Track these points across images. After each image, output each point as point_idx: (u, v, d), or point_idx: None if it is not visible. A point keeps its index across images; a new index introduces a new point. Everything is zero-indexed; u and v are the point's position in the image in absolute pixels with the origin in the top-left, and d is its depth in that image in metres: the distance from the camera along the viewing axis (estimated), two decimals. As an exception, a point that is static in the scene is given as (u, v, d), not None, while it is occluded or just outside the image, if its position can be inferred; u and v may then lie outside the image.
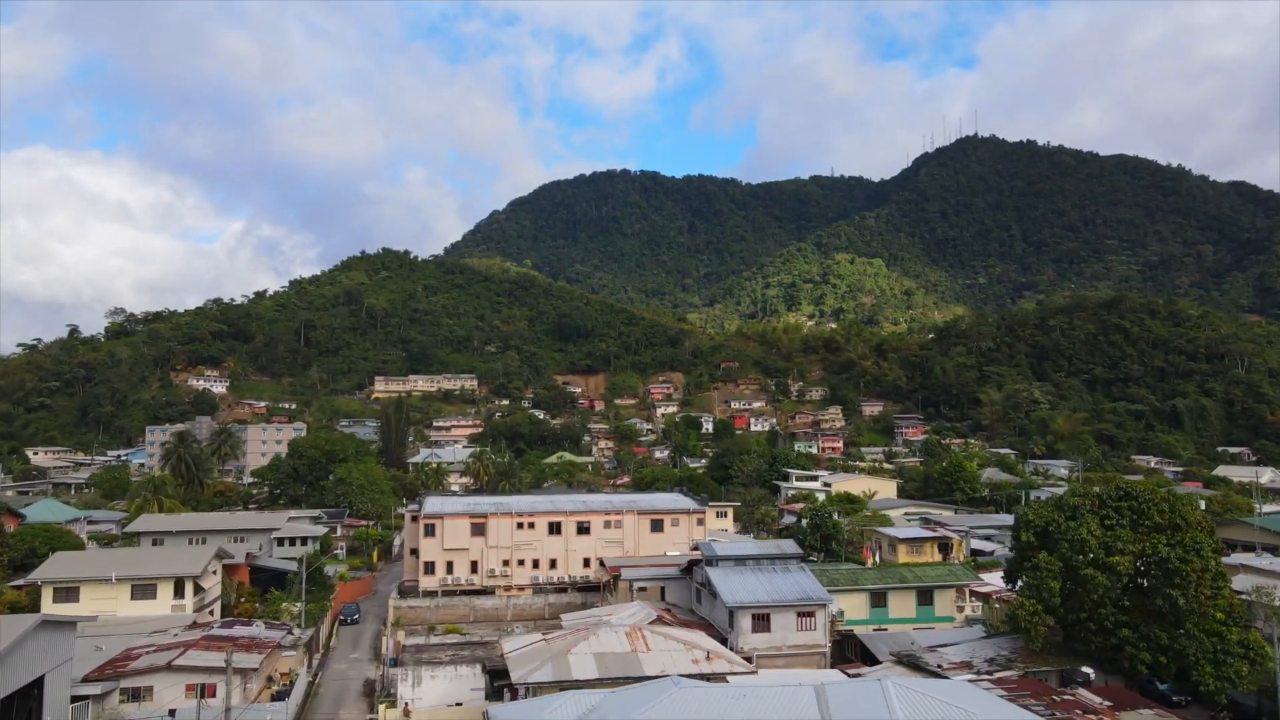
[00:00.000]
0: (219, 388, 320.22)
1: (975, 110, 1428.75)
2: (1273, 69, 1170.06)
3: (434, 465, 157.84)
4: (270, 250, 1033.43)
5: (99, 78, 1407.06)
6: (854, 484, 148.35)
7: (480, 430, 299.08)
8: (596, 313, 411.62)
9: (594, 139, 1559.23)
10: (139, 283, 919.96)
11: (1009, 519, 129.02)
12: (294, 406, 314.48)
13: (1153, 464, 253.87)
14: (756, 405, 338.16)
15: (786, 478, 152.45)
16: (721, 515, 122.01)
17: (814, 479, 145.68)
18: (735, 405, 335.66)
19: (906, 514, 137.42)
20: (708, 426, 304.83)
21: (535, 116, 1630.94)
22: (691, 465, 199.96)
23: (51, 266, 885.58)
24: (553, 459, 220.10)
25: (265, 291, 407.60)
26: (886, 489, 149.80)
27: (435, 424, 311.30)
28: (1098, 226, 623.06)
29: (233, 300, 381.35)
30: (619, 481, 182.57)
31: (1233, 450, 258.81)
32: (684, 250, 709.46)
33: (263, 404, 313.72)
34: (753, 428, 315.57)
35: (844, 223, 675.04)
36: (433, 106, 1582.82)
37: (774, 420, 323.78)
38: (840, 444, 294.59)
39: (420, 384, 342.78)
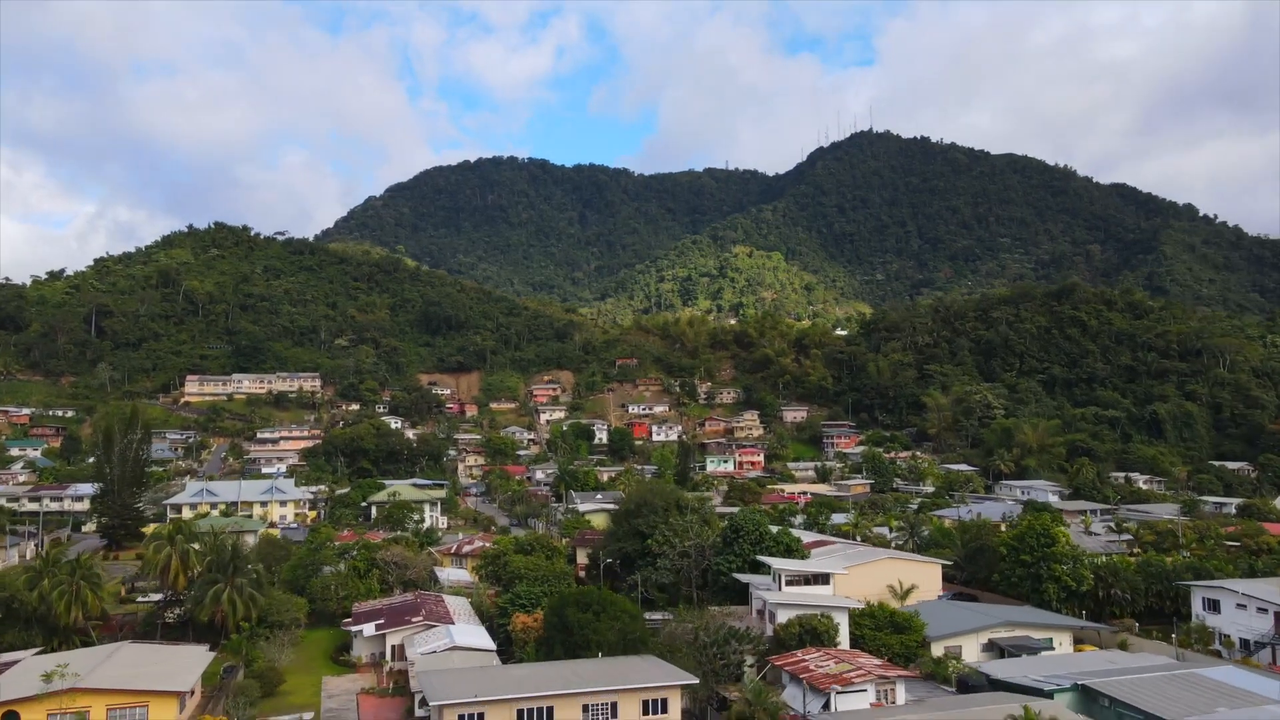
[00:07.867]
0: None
1: (870, 107, 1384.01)
2: (1159, 73, 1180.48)
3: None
4: (128, 236, 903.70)
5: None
6: (875, 571, 77.54)
7: (318, 442, 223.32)
8: (471, 301, 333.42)
9: (487, 123, 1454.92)
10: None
11: (1256, 684, 59.25)
12: (71, 414, 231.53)
13: (1142, 483, 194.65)
14: (659, 410, 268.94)
15: (758, 568, 74.38)
16: (655, 711, 49.03)
17: (824, 581, 67.88)
18: (634, 410, 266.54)
19: (993, 642, 68.22)
20: (602, 436, 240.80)
21: (425, 97, 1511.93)
22: (582, 511, 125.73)
23: None
24: (382, 495, 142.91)
25: (62, 271, 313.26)
26: (926, 578, 79.39)
27: (260, 435, 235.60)
28: (990, 224, 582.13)
29: (8, 280, 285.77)
30: (472, 545, 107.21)
31: (1231, 465, 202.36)
32: (574, 242, 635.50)
33: (25, 411, 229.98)
34: (655, 436, 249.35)
35: (740, 215, 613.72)
36: (312, 80, 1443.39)
37: (680, 428, 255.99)
38: (761, 458, 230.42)
39: (246, 384, 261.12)
